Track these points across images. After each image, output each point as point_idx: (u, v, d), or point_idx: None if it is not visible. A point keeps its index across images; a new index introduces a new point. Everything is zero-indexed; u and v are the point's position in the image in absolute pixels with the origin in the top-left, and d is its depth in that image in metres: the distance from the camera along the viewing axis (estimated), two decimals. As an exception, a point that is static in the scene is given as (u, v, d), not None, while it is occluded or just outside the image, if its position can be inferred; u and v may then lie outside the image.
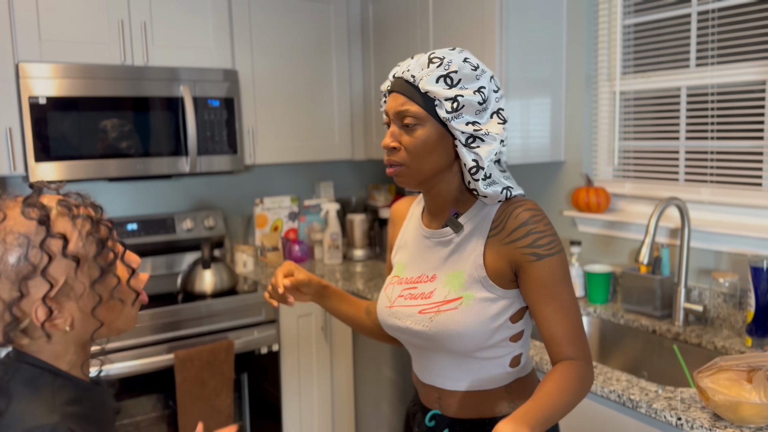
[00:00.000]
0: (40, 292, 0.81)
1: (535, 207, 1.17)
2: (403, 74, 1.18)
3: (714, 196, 2.06)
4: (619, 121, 2.36)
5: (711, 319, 2.01)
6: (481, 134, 1.13)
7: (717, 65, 2.03)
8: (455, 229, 1.22)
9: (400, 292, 1.27)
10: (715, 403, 1.34)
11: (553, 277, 1.14)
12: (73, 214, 0.85)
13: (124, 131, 2.50)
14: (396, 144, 1.18)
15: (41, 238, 0.81)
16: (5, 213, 0.82)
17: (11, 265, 0.79)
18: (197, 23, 2.69)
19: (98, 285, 0.86)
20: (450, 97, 1.12)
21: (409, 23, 2.73)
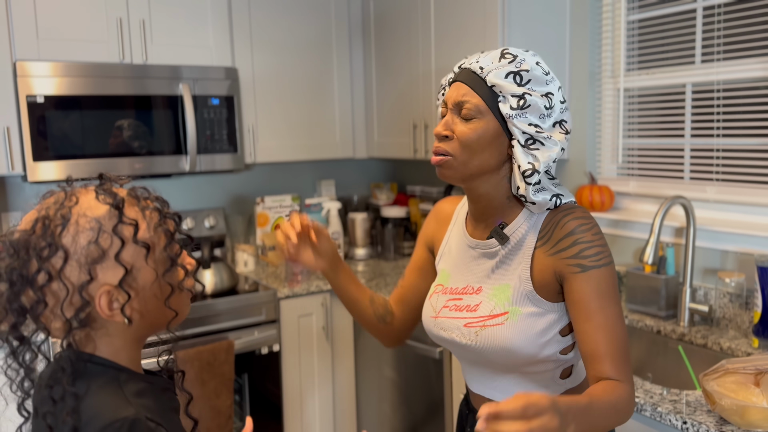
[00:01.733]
0: (107, 277, 0.81)
1: (584, 215, 1.12)
2: (471, 65, 1.14)
3: (720, 195, 2.03)
4: (623, 118, 2.33)
5: (717, 319, 1.98)
6: (542, 137, 1.09)
7: (723, 61, 2.00)
8: (501, 241, 1.16)
9: (445, 303, 1.24)
10: (721, 407, 1.32)
11: (598, 291, 1.08)
12: (143, 206, 0.86)
13: (123, 130, 2.48)
14: (448, 132, 1.13)
15: (114, 223, 0.82)
16: (78, 197, 0.83)
17: (81, 248, 0.80)
18: (196, 21, 2.67)
19: (168, 275, 0.86)
20: (518, 94, 1.08)
21: (411, 19, 2.70)
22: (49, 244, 0.79)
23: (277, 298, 2.62)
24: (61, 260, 0.79)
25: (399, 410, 2.55)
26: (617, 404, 1.01)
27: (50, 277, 0.79)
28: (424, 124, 2.69)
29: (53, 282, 0.79)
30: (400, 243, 3.17)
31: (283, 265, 3.01)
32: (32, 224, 0.81)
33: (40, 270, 0.79)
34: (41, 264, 0.79)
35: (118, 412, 0.78)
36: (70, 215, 0.81)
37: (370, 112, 3.08)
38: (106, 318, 0.83)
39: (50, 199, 0.84)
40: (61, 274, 0.79)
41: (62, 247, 0.79)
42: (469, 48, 2.38)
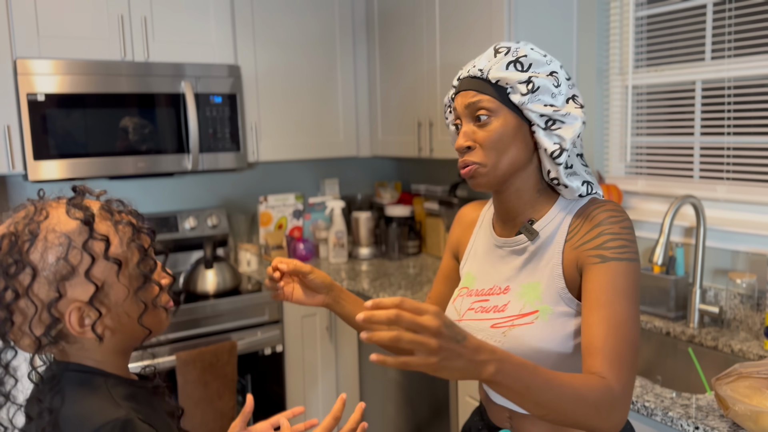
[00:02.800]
0: (76, 294, 0.79)
1: (615, 208, 1.07)
2: (469, 72, 1.13)
3: (730, 194, 2.00)
4: (632, 116, 2.29)
5: (727, 321, 1.95)
6: (560, 115, 1.07)
7: (734, 58, 1.96)
8: (530, 237, 1.12)
9: (470, 305, 1.18)
10: (735, 412, 1.28)
11: (613, 284, 1.01)
12: (116, 220, 0.84)
13: (124, 128, 2.46)
14: (471, 143, 1.10)
15: (84, 239, 0.80)
16: (48, 212, 0.81)
17: (50, 264, 0.78)
18: (199, 18, 2.64)
19: (141, 293, 0.85)
20: (524, 80, 1.07)
21: (416, 17, 2.67)
22: (16, 261, 0.77)
23: (280, 298, 2.59)
24: (29, 277, 0.77)
25: (403, 411, 2.53)
26: (586, 395, 0.90)
27: (17, 294, 0.77)
28: (428, 122, 2.66)
29: (21, 299, 0.78)
30: (404, 242, 3.14)
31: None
32: (0, 238, 0.79)
33: (7, 288, 0.77)
34: (8, 281, 0.77)
35: (109, 414, 0.77)
36: (39, 231, 0.79)
37: (374, 110, 3.05)
38: (77, 335, 0.81)
39: (21, 213, 0.82)
40: (29, 291, 0.78)
41: (30, 264, 0.77)
42: (475, 46, 2.35)
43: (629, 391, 0.97)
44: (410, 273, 2.82)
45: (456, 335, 0.80)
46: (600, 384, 0.93)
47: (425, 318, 0.77)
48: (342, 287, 1.30)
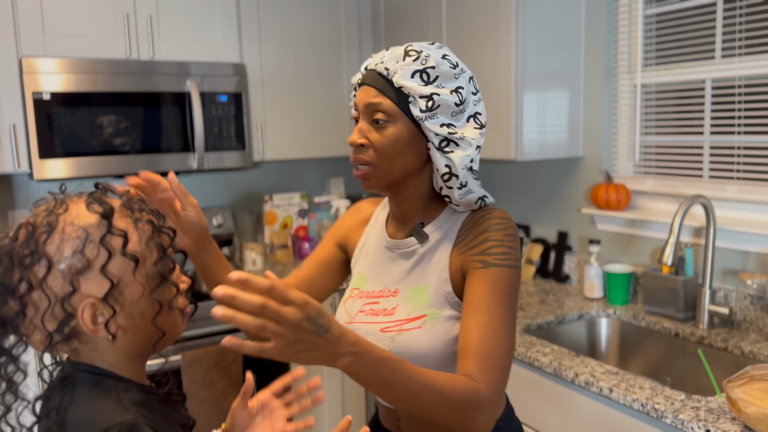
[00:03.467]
0: (90, 289, 0.77)
1: (501, 215, 1.08)
2: (376, 66, 1.08)
3: (741, 194, 1.98)
4: (641, 115, 2.27)
5: (737, 322, 1.92)
6: (456, 138, 1.05)
7: (744, 56, 1.94)
8: (419, 239, 1.12)
9: (360, 307, 1.16)
10: (747, 415, 1.26)
11: (492, 290, 1.01)
12: (136, 217, 0.82)
13: (130, 127, 2.45)
14: (364, 141, 1.08)
15: (102, 233, 0.78)
16: (68, 205, 0.80)
17: (66, 257, 0.76)
18: (204, 16, 2.63)
19: (158, 292, 0.82)
20: (425, 95, 1.03)
21: (422, 15, 2.65)
22: (32, 252, 0.75)
23: (285, 297, 2.58)
24: (44, 269, 0.75)
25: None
26: (448, 395, 0.90)
27: (31, 286, 0.75)
28: (435, 121, 2.64)
29: (34, 291, 0.76)
30: (410, 242, 3.12)
31: (291, 263, 2.97)
32: (16, 232, 0.78)
33: (21, 279, 0.75)
34: (22, 272, 0.75)
35: (114, 417, 0.75)
36: (57, 223, 0.77)
37: (380, 109, 3.03)
38: (90, 333, 0.78)
39: (41, 207, 0.81)
40: (43, 283, 0.76)
41: (45, 256, 0.76)
42: (482, 45, 2.33)
43: (497, 395, 0.97)
44: (416, 273, 2.80)
45: (318, 328, 0.78)
46: (467, 386, 0.93)
47: (288, 310, 0.75)
48: (210, 236, 1.17)
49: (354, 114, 1.12)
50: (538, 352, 1.78)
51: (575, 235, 2.50)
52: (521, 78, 2.22)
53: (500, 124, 2.28)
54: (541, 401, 1.77)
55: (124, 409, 0.77)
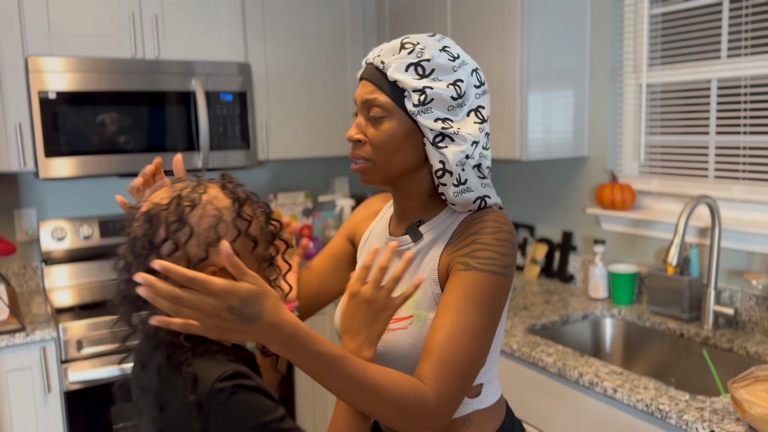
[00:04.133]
0: (216, 259, 0.90)
1: (497, 218, 1.03)
2: (373, 60, 1.06)
3: (746, 194, 1.97)
4: (646, 114, 2.27)
5: (742, 322, 1.92)
6: (450, 133, 1.01)
7: (750, 56, 1.93)
8: (414, 238, 1.09)
9: None
10: (752, 416, 1.26)
11: (467, 293, 0.97)
12: (255, 207, 0.97)
13: (135, 126, 2.46)
14: (361, 136, 1.06)
15: (233, 216, 0.93)
16: (207, 187, 0.95)
17: (204, 229, 0.90)
18: (209, 16, 2.63)
19: (267, 271, 0.98)
20: (418, 89, 1.00)
21: (427, 15, 2.65)
22: (179, 219, 0.90)
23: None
24: (186, 236, 0.89)
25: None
26: (390, 396, 0.88)
27: (176, 247, 0.89)
28: (439, 120, 2.64)
29: (177, 252, 0.89)
30: (414, 241, 3.12)
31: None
32: (168, 200, 0.92)
33: (167, 239, 0.89)
34: (169, 234, 0.89)
35: (222, 368, 0.86)
36: (200, 201, 0.92)
37: (385, 109, 3.03)
38: None
39: (181, 184, 0.95)
40: (185, 247, 0.89)
41: (189, 225, 0.90)
42: (487, 44, 2.33)
43: (448, 402, 0.92)
44: (420, 272, 2.80)
45: (242, 317, 0.80)
46: (413, 389, 0.90)
47: (206, 301, 0.79)
48: None
49: (354, 109, 1.11)
50: (542, 352, 1.78)
51: (580, 235, 2.50)
52: (526, 77, 2.22)
53: (505, 123, 2.28)
54: (545, 401, 1.77)
55: (225, 363, 0.88)
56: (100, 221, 2.73)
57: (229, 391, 0.84)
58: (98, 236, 2.72)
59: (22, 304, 2.47)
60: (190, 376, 0.86)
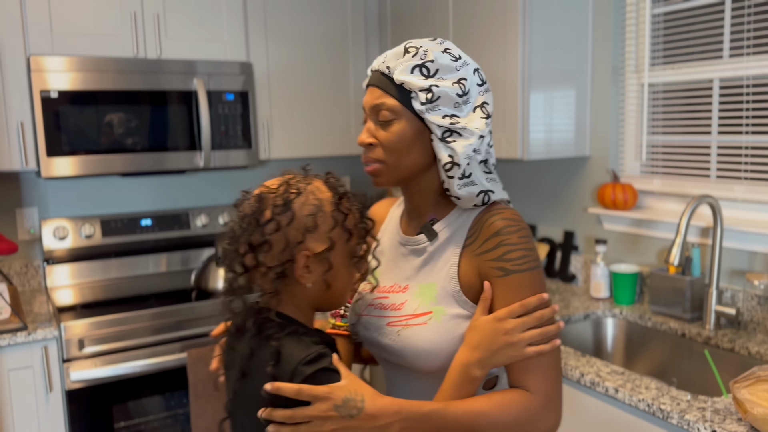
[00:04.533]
0: (311, 245, 0.98)
1: (512, 216, 1.07)
2: (379, 66, 1.11)
3: (748, 194, 1.97)
4: (648, 114, 2.27)
5: (744, 322, 1.92)
6: (458, 128, 1.06)
7: (753, 56, 1.93)
8: (429, 237, 1.13)
9: (371, 301, 1.19)
10: (753, 416, 1.26)
11: (520, 295, 1.02)
12: (352, 203, 1.04)
13: (137, 126, 2.46)
14: (372, 140, 1.10)
15: (332, 208, 1.01)
16: (312, 180, 1.03)
17: (304, 216, 0.98)
18: (211, 15, 2.64)
19: (357, 264, 1.05)
20: (424, 88, 1.05)
21: (429, 14, 2.65)
22: (284, 203, 0.98)
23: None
24: (288, 219, 0.98)
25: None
26: (502, 417, 0.98)
27: (278, 227, 0.97)
28: (441, 120, 2.64)
29: (278, 232, 0.98)
30: (415, 241, 3.12)
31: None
32: (277, 186, 1.01)
33: (272, 219, 0.97)
34: (274, 215, 0.98)
35: (306, 351, 0.94)
36: (305, 189, 1.01)
37: (387, 108, 3.03)
38: (298, 277, 0.99)
39: (290, 174, 1.04)
40: (286, 229, 0.98)
41: (292, 209, 0.98)
42: (489, 44, 2.33)
43: (553, 396, 1.01)
44: (422, 272, 2.80)
45: (349, 411, 0.90)
46: (518, 401, 0.99)
47: (314, 408, 0.90)
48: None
49: (363, 116, 1.14)
50: (543, 351, 1.78)
51: (581, 234, 2.49)
52: (528, 77, 2.21)
53: (507, 123, 2.28)
54: (546, 401, 1.77)
55: (309, 345, 0.96)
56: (101, 220, 2.73)
57: (312, 374, 0.91)
58: (100, 235, 2.72)
59: (23, 303, 2.48)
60: (275, 350, 0.94)
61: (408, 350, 1.08)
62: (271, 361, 0.94)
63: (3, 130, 2.29)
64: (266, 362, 0.94)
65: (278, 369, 0.93)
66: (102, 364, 2.23)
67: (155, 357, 2.30)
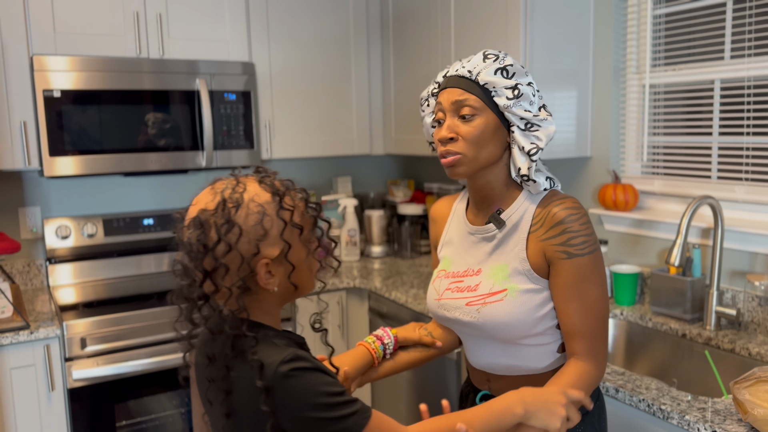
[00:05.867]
0: (267, 252, 0.98)
1: (574, 205, 1.22)
2: (458, 71, 1.26)
3: (749, 195, 1.97)
4: (649, 115, 2.27)
5: (745, 323, 1.92)
6: (538, 120, 1.22)
7: (754, 57, 1.93)
8: (498, 225, 1.28)
9: (447, 285, 1.35)
10: (754, 417, 1.26)
11: (579, 277, 1.20)
12: (292, 195, 1.03)
13: (139, 125, 2.47)
14: (453, 134, 1.23)
15: (276, 208, 0.99)
16: (246, 185, 1.00)
17: (251, 226, 0.97)
18: (213, 15, 2.64)
19: (315, 253, 1.06)
20: (510, 86, 1.21)
21: (431, 14, 2.66)
22: (227, 221, 0.96)
23: (292, 295, 2.59)
24: (236, 236, 0.96)
25: (415, 411, 2.52)
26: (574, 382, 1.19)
27: (229, 248, 0.95)
28: (442, 120, 2.64)
29: (231, 252, 0.96)
30: (416, 241, 3.13)
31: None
32: (214, 204, 0.97)
33: (220, 241, 0.95)
34: (223, 237, 0.95)
35: (281, 354, 0.94)
36: (243, 200, 0.98)
37: (388, 109, 3.04)
38: (263, 285, 0.99)
39: (221, 184, 1.01)
40: (237, 246, 0.96)
41: (238, 225, 0.96)
42: (491, 44, 2.33)
43: (603, 360, 1.24)
44: (423, 272, 2.80)
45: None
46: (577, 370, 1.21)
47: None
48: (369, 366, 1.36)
49: (437, 116, 1.27)
50: (544, 351, 1.78)
51: (582, 235, 2.49)
52: (529, 78, 2.22)
53: (508, 123, 2.28)
54: (547, 401, 1.77)
55: (284, 348, 0.97)
56: (104, 219, 2.74)
57: (292, 374, 0.92)
58: (102, 234, 2.73)
59: (26, 302, 2.48)
60: (257, 364, 0.94)
61: (489, 324, 1.25)
62: (258, 374, 0.93)
63: (6, 130, 2.30)
64: (250, 376, 0.94)
65: (265, 378, 0.93)
66: (104, 363, 2.24)
67: (157, 356, 2.31)
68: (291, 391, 0.92)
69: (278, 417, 0.93)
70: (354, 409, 0.95)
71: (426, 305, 2.31)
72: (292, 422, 0.93)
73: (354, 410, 0.95)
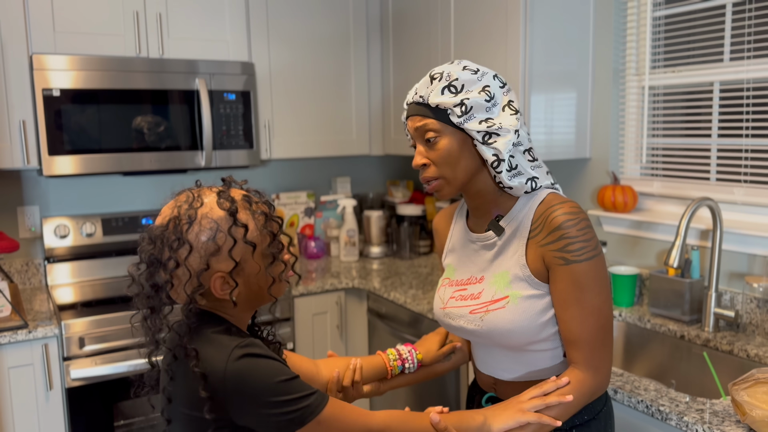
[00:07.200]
0: (220, 266, 1.01)
1: (572, 210, 1.20)
2: (413, 98, 1.27)
3: (748, 197, 1.97)
4: (648, 117, 2.27)
5: (743, 325, 1.92)
6: (494, 129, 1.20)
7: (753, 59, 1.93)
8: (497, 233, 1.28)
9: (451, 294, 1.35)
10: (752, 418, 1.27)
11: (577, 284, 1.18)
12: (253, 210, 1.05)
13: (139, 125, 2.47)
14: (425, 160, 1.25)
15: (229, 225, 1.01)
16: (203, 200, 1.03)
17: (202, 243, 1.00)
18: (213, 15, 2.64)
19: (270, 269, 1.07)
20: (457, 103, 1.20)
21: (430, 16, 2.66)
22: (178, 238, 0.99)
23: (291, 295, 2.59)
24: (187, 252, 1.00)
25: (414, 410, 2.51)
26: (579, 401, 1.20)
27: (177, 264, 1.00)
28: (442, 121, 2.64)
29: (180, 268, 1.00)
30: (415, 241, 3.13)
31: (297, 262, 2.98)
32: (167, 221, 1.01)
33: (170, 258, 0.99)
34: (171, 253, 0.99)
35: (238, 339, 0.99)
36: (196, 216, 1.01)
37: (387, 109, 3.04)
38: (218, 297, 1.03)
39: (182, 197, 1.05)
40: (186, 262, 1.00)
41: (188, 242, 1.00)
42: (491, 46, 2.33)
43: (603, 369, 1.21)
44: (421, 272, 2.81)
45: None
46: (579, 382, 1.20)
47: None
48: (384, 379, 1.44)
49: (411, 143, 1.30)
50: (543, 352, 1.78)
51: (581, 236, 2.50)
52: (529, 79, 2.22)
53: (507, 124, 2.28)
54: (545, 402, 1.78)
55: (242, 337, 1.02)
56: (102, 219, 2.73)
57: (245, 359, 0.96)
58: (101, 234, 2.73)
59: (24, 301, 2.48)
60: (199, 374, 0.97)
61: (493, 332, 1.25)
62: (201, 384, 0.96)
63: (5, 129, 2.30)
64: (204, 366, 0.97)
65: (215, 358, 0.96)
66: (102, 363, 2.23)
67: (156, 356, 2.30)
68: (244, 376, 0.95)
69: (233, 403, 0.96)
70: (309, 392, 0.99)
71: (425, 306, 2.31)
72: (246, 408, 0.95)
73: (309, 392, 0.99)
